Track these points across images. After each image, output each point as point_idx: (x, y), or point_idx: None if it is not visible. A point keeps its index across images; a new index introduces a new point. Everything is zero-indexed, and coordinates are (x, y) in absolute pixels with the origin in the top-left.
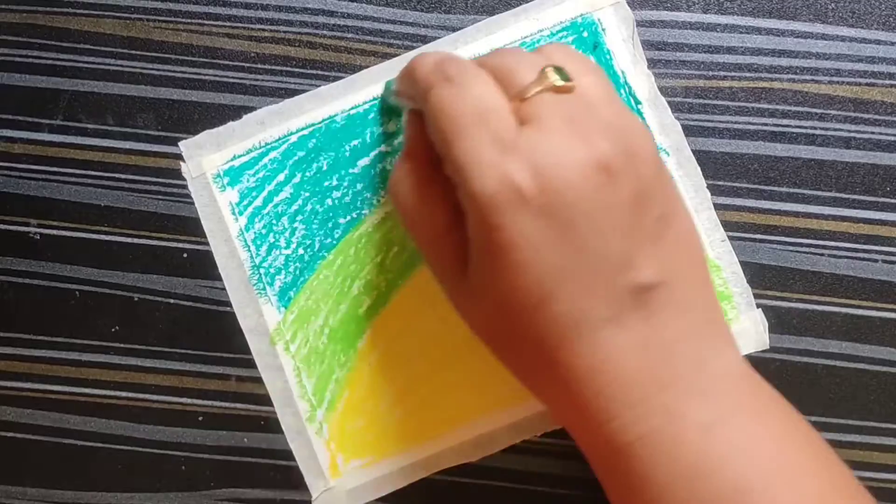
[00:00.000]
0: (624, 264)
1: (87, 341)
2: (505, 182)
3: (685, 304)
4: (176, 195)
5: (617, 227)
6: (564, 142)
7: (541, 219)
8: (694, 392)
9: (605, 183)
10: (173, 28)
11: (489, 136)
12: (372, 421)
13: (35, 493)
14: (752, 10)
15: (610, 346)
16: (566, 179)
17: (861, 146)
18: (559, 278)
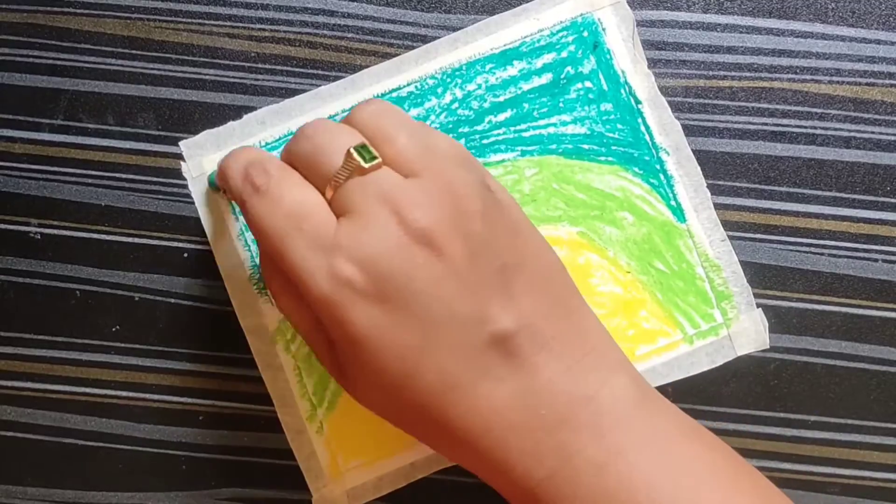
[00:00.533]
0: (477, 322)
1: (88, 341)
2: (336, 281)
3: (554, 342)
4: (176, 195)
5: (457, 291)
6: (381, 227)
7: (380, 305)
8: (583, 429)
9: (431, 255)
10: (174, 28)
11: (309, 242)
12: (372, 420)
13: (35, 492)
14: (751, 10)
15: (490, 400)
16: (391, 264)
17: (861, 146)
18: (418, 353)
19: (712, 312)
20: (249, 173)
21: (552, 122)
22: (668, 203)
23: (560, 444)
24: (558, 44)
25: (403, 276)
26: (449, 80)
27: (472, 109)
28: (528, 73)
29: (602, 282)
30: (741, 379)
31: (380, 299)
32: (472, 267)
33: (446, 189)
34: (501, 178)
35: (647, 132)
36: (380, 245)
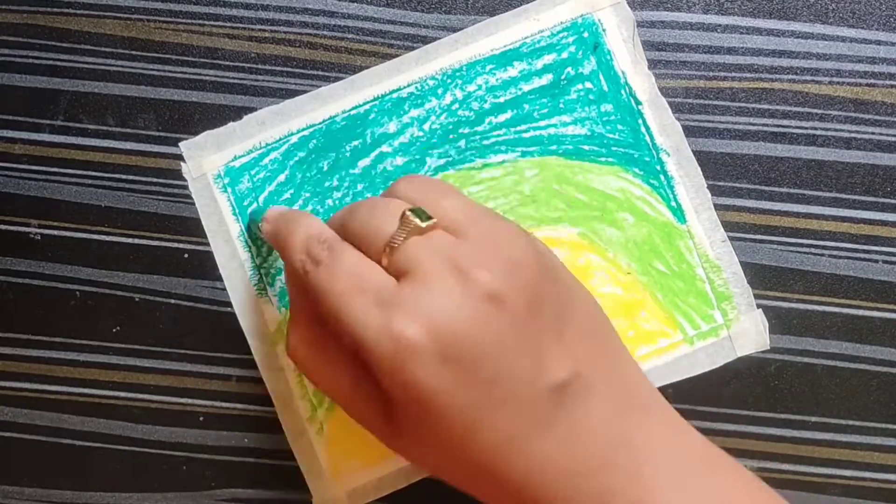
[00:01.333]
0: (535, 373)
1: (88, 341)
2: (398, 341)
3: (603, 387)
4: (176, 196)
5: (518, 344)
6: (444, 285)
7: (443, 365)
8: (621, 471)
9: (494, 311)
10: (174, 28)
11: (370, 302)
12: None
13: (33, 493)
14: (752, 11)
15: (543, 449)
16: (455, 322)
17: (861, 147)
18: (479, 410)
19: (712, 313)
20: (311, 248)
21: (552, 123)
22: (668, 204)
23: (601, 486)
24: (559, 45)
25: (469, 334)
26: (449, 81)
27: (473, 110)
28: (529, 73)
29: (602, 283)
30: (741, 380)
31: (445, 358)
32: (529, 319)
33: (498, 244)
34: (502, 179)
35: (647, 133)
36: (444, 303)
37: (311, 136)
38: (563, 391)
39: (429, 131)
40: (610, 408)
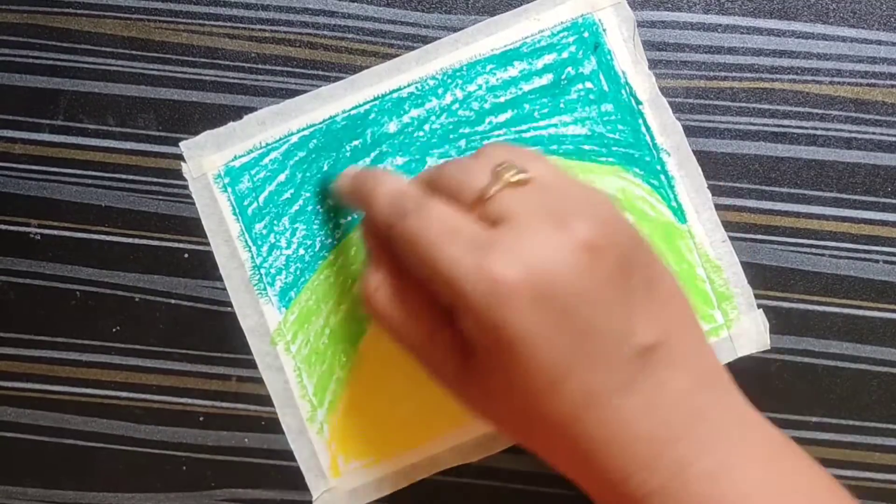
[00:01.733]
0: (624, 332)
1: (88, 342)
2: (495, 282)
3: (683, 358)
4: (177, 195)
5: (610, 299)
6: (541, 230)
7: (538, 309)
8: (698, 443)
9: (590, 261)
10: (174, 28)
11: (465, 247)
12: (373, 421)
13: (35, 493)
14: (752, 11)
15: (622, 412)
16: (553, 268)
17: (862, 147)
18: (567, 360)
19: (713, 313)
20: (397, 200)
21: (553, 123)
22: (668, 204)
23: (677, 456)
24: (559, 44)
25: (567, 281)
26: (449, 81)
27: (473, 110)
28: (529, 73)
29: None
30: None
31: (541, 302)
32: (622, 278)
33: (594, 203)
34: None
35: (647, 133)
36: (542, 249)
37: (312, 136)
38: (649, 356)
39: (429, 131)
40: (690, 379)
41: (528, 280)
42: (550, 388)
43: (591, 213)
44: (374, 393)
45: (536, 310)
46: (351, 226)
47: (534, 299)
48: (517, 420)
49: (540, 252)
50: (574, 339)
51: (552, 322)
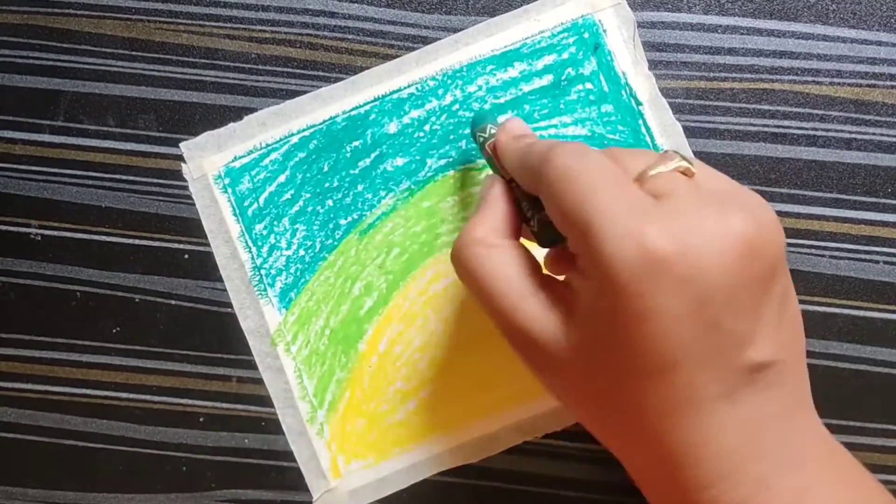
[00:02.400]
0: (745, 341)
1: (88, 342)
2: (647, 249)
3: (789, 382)
4: (177, 196)
5: (748, 304)
6: (703, 215)
7: (681, 289)
8: (783, 463)
9: (745, 259)
10: (174, 29)
11: (626, 201)
12: (373, 422)
13: (36, 493)
14: (752, 12)
15: (716, 422)
16: (711, 251)
17: (862, 147)
18: (685, 351)
19: None
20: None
21: (553, 124)
22: None
23: (762, 474)
24: (559, 45)
25: (716, 267)
26: (450, 82)
27: (473, 111)
28: (529, 74)
29: None
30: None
31: (683, 284)
32: (764, 285)
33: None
34: None
35: (647, 134)
36: (703, 229)
37: (312, 137)
38: (759, 373)
39: (429, 132)
40: (790, 402)
41: (680, 257)
42: (657, 375)
43: (752, 212)
44: (374, 394)
45: (679, 290)
46: (352, 227)
47: (680, 279)
48: (604, 403)
49: (699, 234)
50: (698, 332)
51: (687, 307)
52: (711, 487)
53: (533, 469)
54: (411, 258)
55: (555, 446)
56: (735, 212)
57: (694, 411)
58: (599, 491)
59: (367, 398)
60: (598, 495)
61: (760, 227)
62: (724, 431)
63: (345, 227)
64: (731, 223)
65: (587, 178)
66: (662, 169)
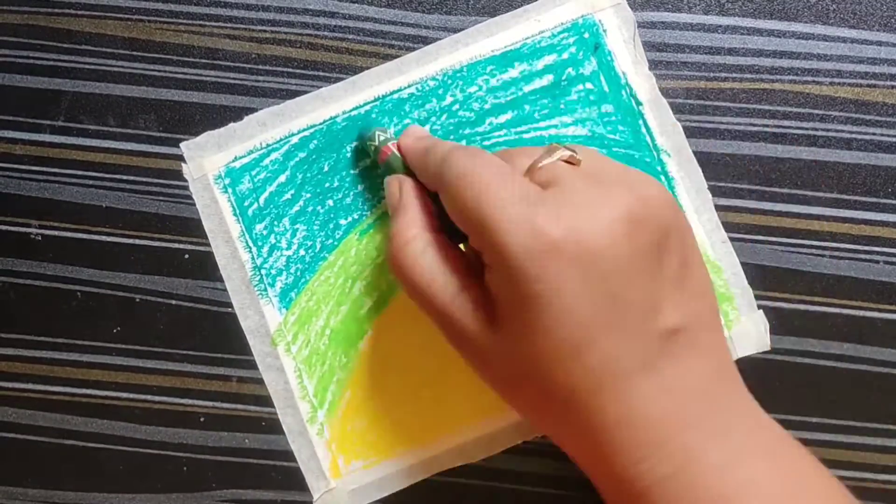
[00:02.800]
0: (652, 310)
1: (89, 342)
2: (538, 234)
3: (704, 348)
4: (177, 196)
5: (644, 272)
6: (586, 197)
7: (575, 268)
8: (711, 434)
9: (631, 231)
10: (174, 29)
11: (516, 193)
12: (373, 422)
13: (36, 493)
14: (753, 12)
15: (640, 392)
16: (597, 229)
17: (862, 147)
18: (594, 328)
19: None
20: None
21: (553, 124)
22: None
23: (688, 443)
24: (559, 45)
25: (605, 243)
26: (450, 82)
27: (473, 111)
28: (529, 74)
29: None
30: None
31: (576, 262)
32: (658, 254)
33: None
34: None
35: (648, 134)
36: (589, 209)
37: (312, 137)
38: (672, 339)
39: (430, 132)
40: (708, 369)
41: (569, 238)
42: (574, 353)
43: (635, 188)
44: (375, 393)
45: (573, 269)
46: (352, 227)
47: (572, 258)
48: (533, 390)
49: (583, 215)
50: (604, 306)
51: (586, 284)
52: (643, 462)
53: (533, 469)
54: None
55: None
56: (616, 189)
57: (616, 384)
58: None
59: (367, 398)
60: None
61: (643, 200)
62: (649, 402)
63: (345, 227)
64: (612, 200)
65: (479, 177)
66: (548, 160)
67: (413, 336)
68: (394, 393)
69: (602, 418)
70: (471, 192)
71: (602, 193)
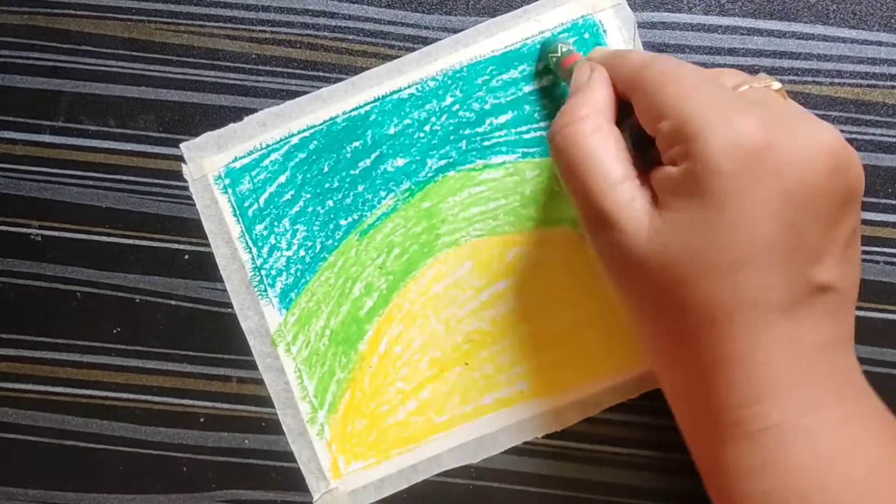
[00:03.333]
0: (816, 257)
1: (89, 343)
2: (743, 136)
3: (841, 316)
4: (177, 197)
5: (827, 218)
6: (797, 120)
7: (768, 180)
8: (826, 392)
9: (833, 170)
10: (174, 30)
11: (725, 98)
12: (373, 422)
13: (36, 494)
14: (753, 12)
15: (775, 332)
16: (800, 151)
17: (862, 147)
18: (761, 247)
19: None
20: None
21: None
22: None
23: (805, 397)
24: None
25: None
26: (450, 82)
27: (473, 111)
28: (530, 74)
29: (603, 284)
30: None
31: (773, 175)
32: (842, 209)
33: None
34: (503, 180)
35: None
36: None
37: (312, 138)
38: (820, 294)
39: (429, 132)
40: (840, 336)
41: (772, 149)
42: (734, 267)
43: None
44: (375, 394)
45: (765, 179)
46: (352, 227)
47: (768, 169)
48: (669, 301)
49: (791, 134)
50: (776, 228)
51: (770, 198)
52: (754, 405)
53: (533, 469)
54: (411, 259)
55: (555, 446)
56: (825, 127)
57: (755, 316)
58: (600, 492)
59: (367, 399)
60: (599, 496)
61: (847, 147)
62: (779, 346)
63: (345, 227)
64: (822, 133)
65: (686, 79)
66: (757, 84)
67: (413, 337)
68: (393, 393)
69: (729, 348)
70: (675, 88)
71: (812, 123)
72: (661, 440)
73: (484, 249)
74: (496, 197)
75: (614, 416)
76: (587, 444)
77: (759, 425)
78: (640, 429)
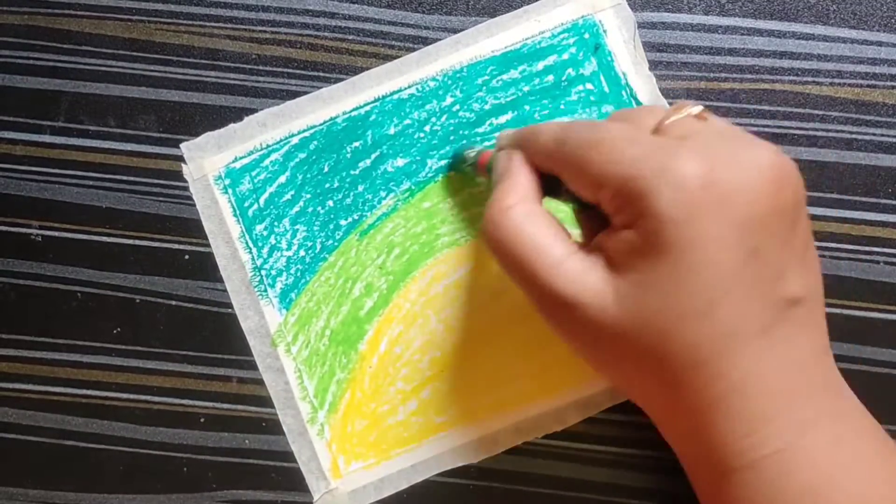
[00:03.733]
0: (781, 273)
1: (89, 343)
2: (683, 180)
3: (814, 324)
4: (177, 197)
5: (779, 234)
6: (732, 146)
7: (720, 214)
8: (822, 410)
9: (774, 187)
10: (174, 30)
11: (651, 147)
12: (373, 422)
13: (36, 494)
14: (753, 12)
15: (758, 360)
16: (742, 177)
17: (863, 148)
18: (730, 281)
19: None
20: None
21: None
22: None
23: (799, 418)
24: (559, 46)
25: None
26: (450, 83)
27: (474, 111)
28: (530, 75)
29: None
30: None
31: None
32: (793, 221)
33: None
34: None
35: None
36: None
37: (312, 138)
38: (790, 308)
39: (430, 133)
40: (815, 345)
41: (716, 182)
42: (707, 308)
43: (773, 148)
44: (375, 394)
45: (717, 214)
46: (352, 227)
47: (717, 202)
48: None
49: (730, 161)
50: (741, 258)
51: (728, 231)
52: (752, 435)
53: (533, 469)
54: (412, 259)
55: (555, 447)
56: (758, 145)
57: (736, 349)
58: (600, 492)
59: (367, 399)
60: (599, 496)
61: (784, 160)
62: (765, 372)
63: (345, 227)
64: (758, 152)
65: (606, 142)
66: (677, 116)
67: (413, 337)
68: (394, 393)
69: (721, 384)
70: (600, 156)
71: (744, 146)
72: (661, 440)
73: (484, 249)
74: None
75: (614, 416)
76: (587, 444)
77: (762, 452)
78: (639, 429)
